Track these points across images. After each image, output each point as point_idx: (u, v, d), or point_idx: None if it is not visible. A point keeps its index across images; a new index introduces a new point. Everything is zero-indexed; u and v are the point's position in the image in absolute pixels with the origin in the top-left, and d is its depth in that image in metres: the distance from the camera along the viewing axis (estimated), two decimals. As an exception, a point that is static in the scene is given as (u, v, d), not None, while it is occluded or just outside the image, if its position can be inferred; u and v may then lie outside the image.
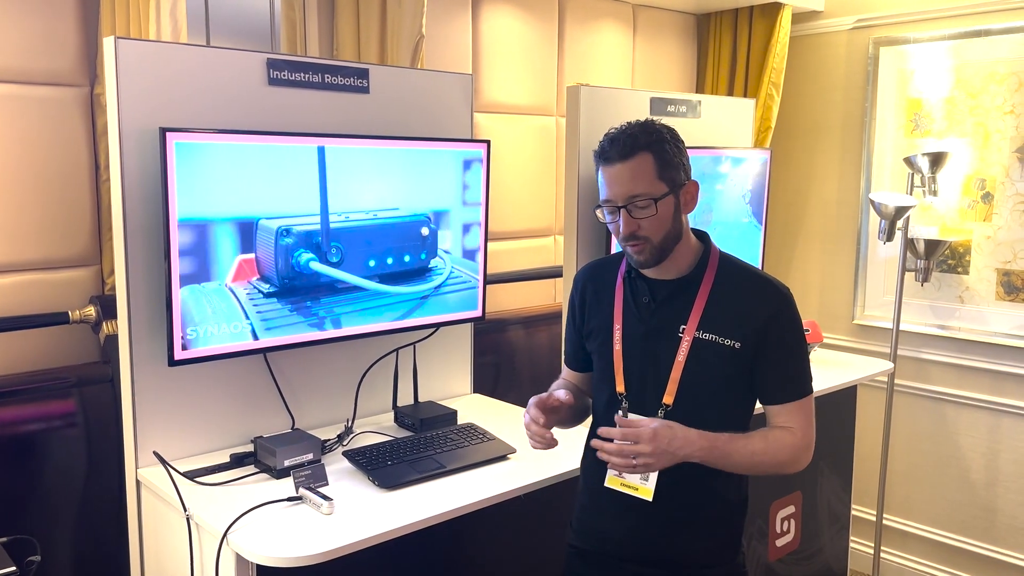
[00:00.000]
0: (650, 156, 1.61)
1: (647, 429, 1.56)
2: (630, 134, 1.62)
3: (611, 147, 1.62)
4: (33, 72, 2.25)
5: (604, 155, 1.63)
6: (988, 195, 3.34)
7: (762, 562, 2.79)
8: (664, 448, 1.56)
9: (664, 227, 1.63)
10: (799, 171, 3.93)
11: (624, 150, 1.60)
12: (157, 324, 1.96)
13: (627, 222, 1.61)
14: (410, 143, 2.23)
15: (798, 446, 1.66)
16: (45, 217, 2.30)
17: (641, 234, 1.62)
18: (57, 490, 2.21)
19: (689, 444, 1.57)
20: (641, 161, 1.60)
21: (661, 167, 1.61)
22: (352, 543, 1.65)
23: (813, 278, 3.93)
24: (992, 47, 3.29)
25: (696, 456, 1.59)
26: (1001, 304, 3.34)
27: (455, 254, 2.37)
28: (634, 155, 1.60)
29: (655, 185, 1.61)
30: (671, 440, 1.56)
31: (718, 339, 1.64)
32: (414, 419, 2.30)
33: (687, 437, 1.58)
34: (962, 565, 3.52)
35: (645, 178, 1.60)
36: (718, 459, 1.61)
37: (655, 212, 1.61)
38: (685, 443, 1.57)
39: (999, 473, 3.41)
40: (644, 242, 1.62)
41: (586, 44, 3.50)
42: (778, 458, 1.65)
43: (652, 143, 1.61)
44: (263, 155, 1.97)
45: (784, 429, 1.67)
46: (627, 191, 1.61)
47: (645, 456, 1.56)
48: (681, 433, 1.57)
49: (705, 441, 1.59)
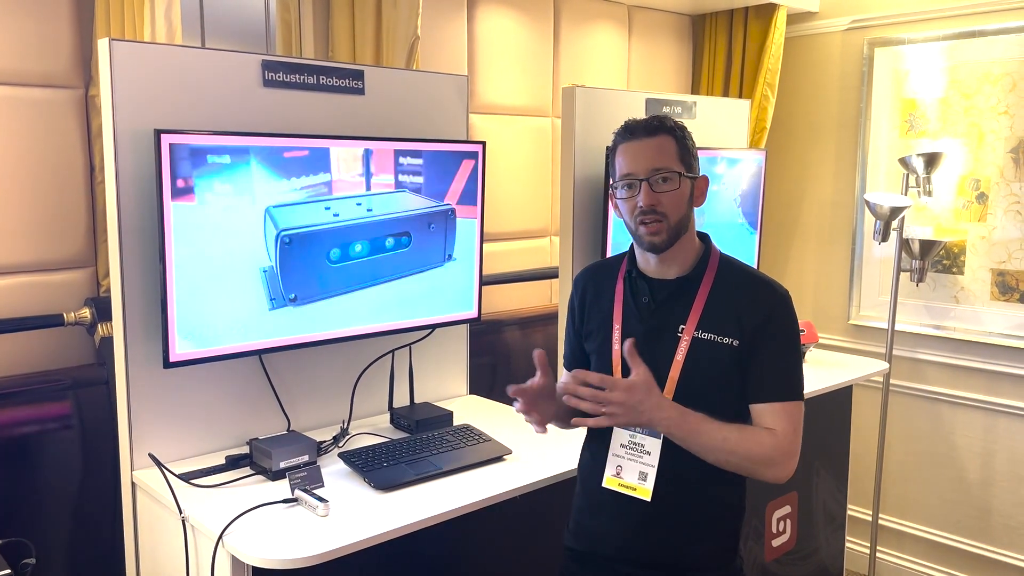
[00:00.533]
0: (672, 139, 1.67)
1: (624, 380, 1.58)
2: (655, 117, 1.70)
3: (636, 125, 1.68)
4: (28, 74, 2.25)
5: (629, 131, 1.69)
6: (983, 195, 3.35)
7: (758, 562, 2.79)
8: (633, 404, 1.56)
9: (681, 209, 1.66)
10: (794, 172, 3.94)
11: (650, 128, 1.67)
12: (152, 326, 1.96)
13: (647, 195, 1.63)
14: (405, 144, 2.23)
15: (777, 447, 1.60)
16: (40, 219, 2.29)
17: (660, 209, 1.63)
18: (53, 492, 2.21)
19: (659, 409, 1.57)
20: (665, 140, 1.66)
21: (682, 151, 1.67)
22: (348, 545, 1.65)
23: (808, 278, 3.93)
24: (986, 48, 3.30)
25: (663, 424, 1.58)
26: (996, 304, 3.35)
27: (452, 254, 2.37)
28: (659, 133, 1.66)
29: (677, 164, 1.66)
30: (643, 400, 1.56)
31: (716, 338, 1.65)
32: (410, 420, 2.30)
33: (659, 403, 1.58)
34: (957, 564, 3.53)
35: (668, 155, 1.66)
36: (687, 435, 1.59)
37: (677, 186, 1.64)
38: (655, 408, 1.57)
39: (994, 473, 3.41)
40: (662, 220, 1.64)
41: (582, 45, 3.50)
42: (751, 452, 1.59)
43: (675, 128, 1.69)
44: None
45: (766, 430, 1.63)
46: (651, 163, 1.64)
47: (614, 406, 1.56)
48: (655, 399, 1.58)
49: (675, 412, 1.58)
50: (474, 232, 2.40)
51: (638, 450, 1.67)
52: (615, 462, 1.68)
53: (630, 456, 1.67)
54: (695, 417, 1.59)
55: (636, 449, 1.67)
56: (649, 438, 1.65)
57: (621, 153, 1.69)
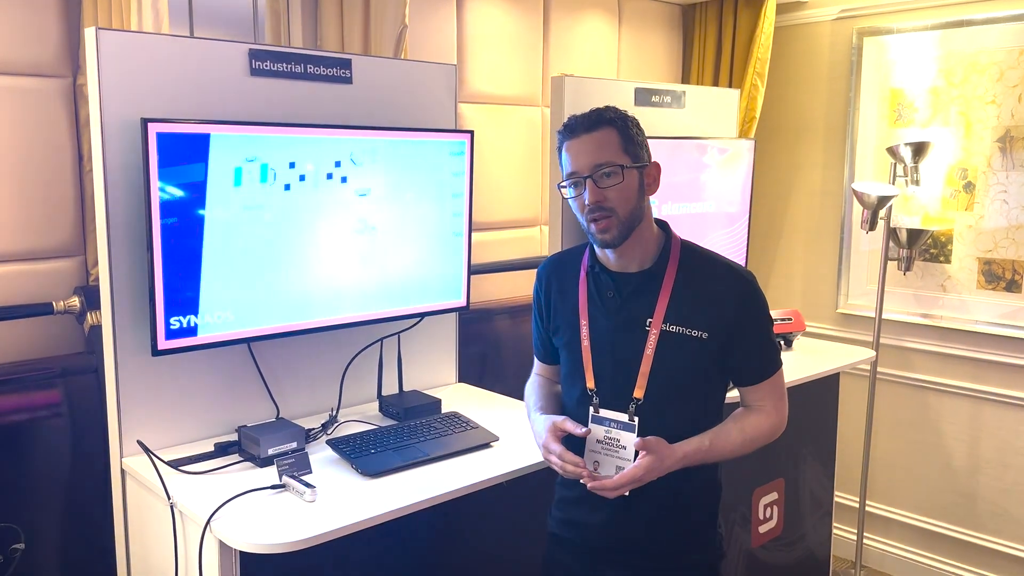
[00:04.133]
0: (614, 131, 1.65)
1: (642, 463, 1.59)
2: (594, 111, 1.67)
3: (576, 122, 1.66)
4: (16, 63, 2.25)
5: (570, 129, 1.67)
6: (970, 184, 3.36)
7: (745, 548, 2.82)
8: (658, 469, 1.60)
9: (630, 201, 1.65)
10: (783, 161, 3.95)
11: (589, 123, 1.65)
12: (141, 314, 1.97)
13: (593, 191, 1.62)
14: (393, 133, 2.24)
15: (777, 423, 1.73)
16: (29, 208, 2.30)
17: (607, 205, 1.62)
18: (42, 480, 2.22)
19: (679, 460, 1.62)
20: (606, 133, 1.64)
21: (625, 142, 1.65)
22: (335, 530, 1.67)
23: (797, 267, 3.95)
24: (975, 37, 3.31)
25: (685, 464, 1.64)
26: (983, 292, 3.37)
27: (438, 243, 2.38)
28: (599, 128, 1.65)
29: (620, 157, 1.64)
30: (664, 459, 1.60)
31: (684, 331, 1.66)
32: (398, 408, 2.31)
33: (674, 454, 1.61)
34: (944, 551, 3.56)
35: (610, 149, 1.64)
36: (707, 459, 1.67)
37: (621, 180, 1.63)
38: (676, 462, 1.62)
39: (980, 460, 3.44)
40: (610, 216, 1.63)
41: (572, 34, 3.50)
42: (759, 440, 1.72)
43: (615, 119, 1.66)
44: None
45: (758, 412, 1.72)
46: (593, 160, 1.63)
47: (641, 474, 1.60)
48: (672, 454, 1.61)
49: (690, 449, 1.63)
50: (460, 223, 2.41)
51: (614, 445, 1.68)
52: (592, 458, 1.69)
53: (606, 451, 1.68)
54: (706, 441, 1.65)
55: (612, 444, 1.68)
56: (625, 433, 1.67)
57: (565, 151, 1.68)
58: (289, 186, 2.06)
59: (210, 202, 1.94)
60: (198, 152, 1.91)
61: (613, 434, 1.68)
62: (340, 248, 2.19)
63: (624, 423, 1.66)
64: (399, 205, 2.28)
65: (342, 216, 2.17)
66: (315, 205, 2.11)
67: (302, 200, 2.09)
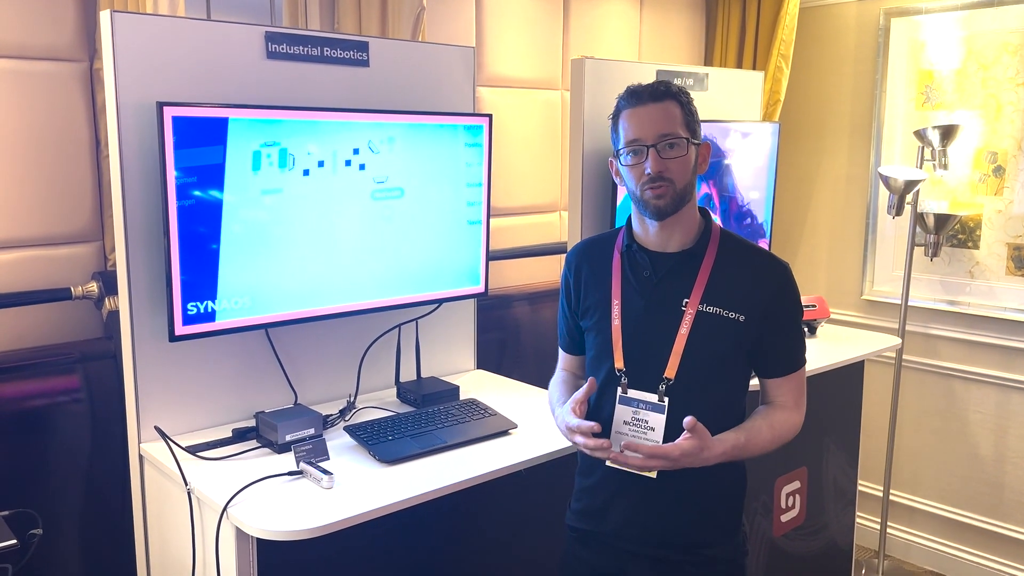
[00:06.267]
0: (678, 105, 1.65)
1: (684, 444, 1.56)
2: (659, 81, 1.68)
3: (642, 89, 1.65)
4: (32, 47, 2.24)
5: (635, 95, 1.65)
6: (999, 168, 3.29)
7: (767, 537, 2.79)
8: (698, 456, 1.57)
9: (687, 176, 1.65)
10: (808, 145, 3.88)
11: (656, 93, 1.64)
12: (158, 300, 1.96)
13: (656, 161, 1.61)
14: (411, 117, 2.21)
15: (798, 423, 1.72)
16: (47, 193, 2.29)
17: (668, 175, 1.62)
18: (61, 465, 2.23)
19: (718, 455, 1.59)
20: (671, 106, 1.64)
21: (687, 116, 1.66)
22: (352, 517, 1.66)
23: (821, 253, 3.89)
24: (1003, 17, 3.23)
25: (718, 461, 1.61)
26: (1011, 279, 3.30)
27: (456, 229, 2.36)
28: (665, 99, 1.64)
29: (684, 130, 1.64)
30: (703, 450, 1.57)
31: (722, 312, 1.64)
32: (416, 395, 2.30)
33: (713, 447, 1.58)
34: (969, 541, 3.51)
35: (675, 120, 1.64)
36: (738, 457, 1.64)
37: (684, 153, 1.63)
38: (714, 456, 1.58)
39: (1007, 449, 3.39)
40: (668, 184, 1.62)
41: (592, 16, 3.45)
42: (785, 437, 1.70)
43: (680, 93, 1.67)
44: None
45: (783, 408, 1.71)
46: (659, 129, 1.62)
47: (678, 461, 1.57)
48: (713, 446, 1.58)
49: (727, 447, 1.60)
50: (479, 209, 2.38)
51: (642, 426, 1.64)
52: (618, 440, 1.64)
53: (634, 433, 1.64)
54: (742, 438, 1.63)
55: (640, 426, 1.64)
56: (653, 414, 1.63)
57: (626, 118, 1.66)
58: (308, 171, 2.04)
59: (228, 186, 1.93)
60: (216, 135, 1.89)
61: (641, 415, 1.64)
62: (358, 234, 2.17)
63: (653, 404, 1.63)
64: (417, 191, 2.25)
65: (360, 202, 2.15)
66: (334, 191, 2.09)
67: (321, 186, 2.07)
